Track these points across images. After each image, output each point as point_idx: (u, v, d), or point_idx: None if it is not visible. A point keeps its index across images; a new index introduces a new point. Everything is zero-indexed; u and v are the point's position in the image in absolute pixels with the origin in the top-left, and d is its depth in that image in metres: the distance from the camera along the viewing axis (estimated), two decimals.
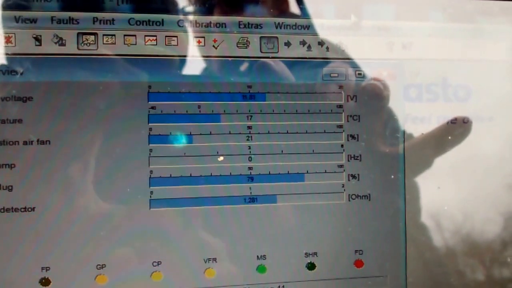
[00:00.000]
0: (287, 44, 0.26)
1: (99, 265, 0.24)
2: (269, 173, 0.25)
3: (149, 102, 0.24)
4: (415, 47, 0.27)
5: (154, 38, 0.24)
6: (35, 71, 0.23)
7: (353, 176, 0.26)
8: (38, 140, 0.23)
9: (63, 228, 0.23)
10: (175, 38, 0.25)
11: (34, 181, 0.23)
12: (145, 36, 0.24)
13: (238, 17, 0.25)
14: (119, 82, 0.24)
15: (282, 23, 0.26)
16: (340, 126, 0.26)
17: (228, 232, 0.25)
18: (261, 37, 0.25)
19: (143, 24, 0.24)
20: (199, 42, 0.25)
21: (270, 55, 0.26)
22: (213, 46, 0.25)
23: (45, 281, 0.23)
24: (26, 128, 0.23)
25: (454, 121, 0.27)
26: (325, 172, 0.26)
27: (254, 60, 0.25)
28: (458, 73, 0.27)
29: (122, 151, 0.24)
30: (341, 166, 0.26)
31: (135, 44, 0.24)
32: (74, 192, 0.24)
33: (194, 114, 0.25)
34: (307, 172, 0.26)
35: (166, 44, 0.25)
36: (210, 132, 0.25)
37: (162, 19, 0.25)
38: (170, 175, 0.25)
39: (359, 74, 0.26)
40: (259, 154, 0.25)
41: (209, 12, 0.25)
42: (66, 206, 0.23)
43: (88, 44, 0.24)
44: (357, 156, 0.26)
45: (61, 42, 0.24)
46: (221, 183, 0.25)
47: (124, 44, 0.24)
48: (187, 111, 0.25)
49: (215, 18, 0.25)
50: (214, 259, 0.25)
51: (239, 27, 0.25)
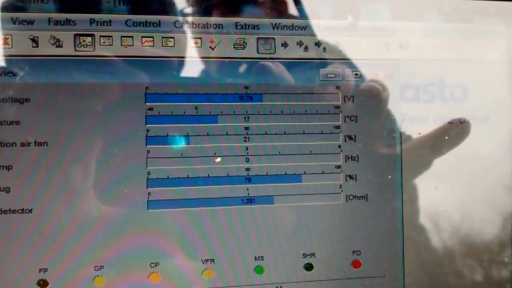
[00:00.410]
0: (284, 45, 0.26)
1: (97, 266, 0.24)
2: (267, 174, 0.25)
3: (146, 104, 0.24)
4: (411, 47, 0.27)
5: (151, 39, 0.24)
6: (32, 73, 0.23)
7: (351, 177, 0.26)
8: (35, 142, 0.23)
9: (60, 229, 0.23)
10: (172, 39, 0.25)
11: (31, 182, 0.23)
12: (142, 37, 0.24)
13: (235, 18, 0.25)
14: (116, 83, 0.24)
15: (279, 24, 0.26)
16: (338, 127, 0.26)
17: (225, 233, 0.25)
18: (258, 38, 0.25)
19: (140, 26, 0.24)
20: (196, 43, 0.25)
21: (267, 56, 0.26)
22: (210, 47, 0.25)
23: (42, 283, 0.23)
24: (24, 130, 0.23)
25: (451, 121, 0.27)
26: (323, 173, 0.26)
27: (251, 61, 0.25)
28: (455, 73, 0.27)
29: (120, 153, 0.24)
30: (338, 166, 0.26)
31: (132, 45, 0.24)
32: (72, 194, 0.24)
33: (191, 115, 0.25)
34: (304, 173, 0.26)
35: (163, 45, 0.25)
36: (207, 133, 0.25)
37: (159, 20, 0.25)
38: (168, 176, 0.25)
39: (356, 74, 0.26)
40: (257, 155, 0.25)
41: (206, 13, 0.25)
42: (63, 207, 0.23)
43: (85, 46, 0.24)
44: (354, 157, 0.26)
45: (58, 43, 0.24)
46: (218, 184, 0.25)
47: (121, 45, 0.24)
48: (184, 112, 0.25)
49: (212, 19, 0.25)
50: (212, 260, 0.25)
51: (236, 28, 0.25)
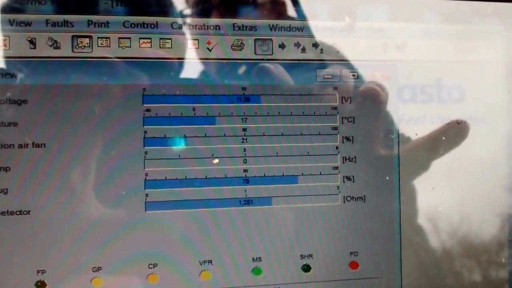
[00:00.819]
0: (282, 46, 0.26)
1: (95, 267, 0.24)
2: (264, 175, 0.25)
3: (144, 105, 0.24)
4: (409, 48, 0.27)
5: (149, 40, 0.24)
6: (30, 74, 0.23)
7: (348, 178, 0.26)
8: (33, 143, 0.23)
9: (58, 231, 0.23)
10: (169, 41, 0.25)
11: (29, 184, 0.23)
12: (140, 38, 0.24)
13: (232, 19, 0.25)
14: (114, 84, 0.24)
15: (277, 25, 0.26)
16: (335, 128, 0.26)
17: (223, 234, 0.25)
18: (255, 39, 0.25)
19: (137, 27, 0.24)
20: (193, 44, 0.25)
21: (265, 57, 0.26)
22: (208, 48, 0.25)
23: (40, 284, 0.23)
24: (21, 131, 0.23)
25: (448, 122, 0.27)
26: (320, 174, 0.26)
27: (249, 62, 0.25)
28: (452, 74, 0.27)
29: (117, 154, 0.24)
30: (336, 168, 0.26)
31: (130, 46, 0.24)
32: (70, 195, 0.24)
33: (189, 117, 0.25)
34: (302, 174, 0.26)
35: (160, 47, 0.25)
36: (205, 135, 0.25)
37: (157, 22, 0.25)
38: (165, 177, 0.25)
39: (354, 75, 0.26)
40: (254, 156, 0.25)
41: (203, 14, 0.25)
42: (61, 209, 0.23)
43: (83, 47, 0.24)
44: (352, 158, 0.26)
45: (55, 45, 0.24)
46: (216, 186, 0.25)
47: (119, 46, 0.24)
48: (182, 114, 0.25)
49: (209, 21, 0.25)
50: (210, 261, 0.25)
51: (234, 29, 0.25)
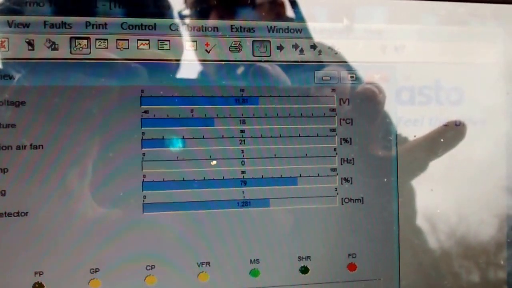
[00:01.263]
0: (280, 48, 0.26)
1: (93, 269, 0.24)
2: (262, 177, 0.25)
3: (142, 106, 0.24)
4: (407, 50, 0.27)
5: (147, 42, 0.24)
6: (28, 76, 0.23)
7: (346, 180, 0.26)
8: (31, 145, 0.23)
9: (56, 232, 0.23)
10: (167, 42, 0.25)
11: (27, 185, 0.23)
12: (138, 40, 0.24)
13: (230, 21, 0.25)
14: (112, 86, 0.24)
15: (275, 26, 0.26)
16: (333, 130, 0.26)
17: (221, 236, 0.25)
18: (253, 41, 0.25)
19: (135, 28, 0.24)
20: (191, 46, 0.25)
21: (263, 59, 0.26)
22: (206, 50, 0.25)
23: (38, 286, 0.23)
24: (19, 133, 0.23)
25: (446, 124, 0.27)
26: (318, 175, 0.26)
27: (247, 64, 0.25)
28: (451, 76, 0.27)
29: (115, 156, 0.24)
30: (334, 169, 0.26)
31: (128, 48, 0.24)
32: (67, 197, 0.24)
33: (187, 118, 0.25)
34: (300, 176, 0.26)
35: (158, 48, 0.25)
36: (203, 136, 0.25)
37: (155, 23, 0.25)
38: (163, 179, 0.25)
39: (352, 77, 0.26)
40: (252, 158, 0.25)
41: (201, 16, 0.25)
42: (59, 210, 0.23)
43: (80, 49, 0.24)
44: (350, 160, 0.26)
45: (54, 46, 0.24)
46: (214, 187, 0.25)
47: (117, 48, 0.24)
48: (180, 115, 0.25)
49: (207, 22, 0.25)
50: (208, 263, 0.25)
51: (232, 31, 0.25)
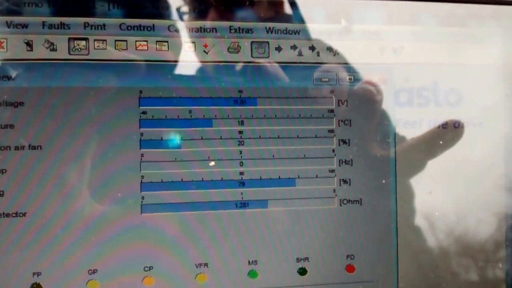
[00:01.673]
0: (278, 48, 0.26)
1: (91, 270, 0.24)
2: (260, 178, 0.25)
3: (140, 107, 0.24)
4: (405, 51, 0.27)
5: (145, 43, 0.24)
6: (26, 76, 0.23)
7: (345, 181, 0.26)
8: (29, 145, 0.23)
9: (54, 233, 0.23)
10: (166, 43, 0.25)
11: (25, 186, 0.23)
12: (136, 41, 0.24)
13: (228, 22, 0.25)
14: (110, 87, 0.24)
15: (273, 27, 0.26)
16: (332, 131, 0.26)
17: (219, 237, 0.25)
18: (252, 42, 0.25)
19: (134, 29, 0.24)
20: (190, 47, 0.25)
21: (261, 59, 0.26)
22: (204, 51, 0.25)
23: (36, 286, 0.23)
24: (18, 133, 0.23)
25: (445, 126, 0.27)
26: (317, 177, 0.26)
27: (246, 65, 0.25)
28: (449, 77, 0.27)
29: (114, 156, 0.24)
30: (332, 171, 0.26)
31: (126, 49, 0.24)
32: (66, 198, 0.24)
33: (185, 119, 0.25)
34: (298, 177, 0.26)
35: (157, 49, 0.25)
36: (201, 137, 0.25)
37: (153, 24, 0.25)
38: (162, 180, 0.25)
39: (350, 78, 0.26)
40: (251, 159, 0.25)
41: (199, 17, 0.25)
42: (57, 211, 0.23)
43: (79, 49, 0.24)
44: (349, 161, 0.26)
45: (52, 47, 0.24)
46: (212, 188, 0.25)
47: (115, 49, 0.24)
48: (178, 116, 0.25)
49: (206, 23, 0.25)
50: (206, 264, 0.25)
51: (230, 32, 0.25)
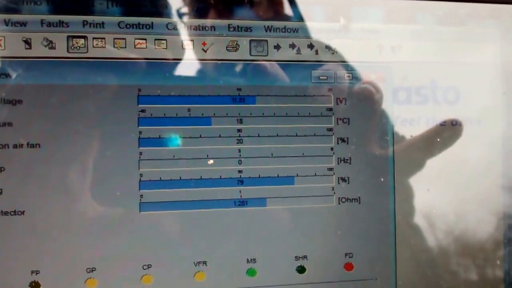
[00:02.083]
0: (277, 47, 0.26)
1: (89, 268, 0.24)
2: (259, 176, 0.25)
3: (139, 105, 0.24)
4: (404, 50, 0.27)
5: (144, 41, 0.24)
6: (25, 74, 0.23)
7: (343, 179, 0.26)
8: (28, 144, 0.23)
9: (53, 231, 0.23)
10: (164, 41, 0.25)
11: (24, 184, 0.23)
12: (135, 39, 0.24)
13: (227, 20, 0.25)
14: (109, 85, 0.24)
15: (272, 26, 0.26)
16: (330, 129, 0.26)
17: (218, 235, 0.25)
18: (250, 40, 0.25)
19: (132, 27, 0.24)
20: (188, 45, 0.25)
21: (260, 58, 0.26)
22: (203, 49, 0.25)
23: (35, 285, 0.23)
24: (16, 131, 0.23)
25: (443, 124, 0.27)
26: (315, 175, 0.26)
27: (244, 63, 0.25)
28: (447, 75, 0.27)
29: (112, 154, 0.24)
30: (331, 169, 0.26)
31: (125, 47, 0.24)
32: (64, 196, 0.24)
33: (184, 117, 0.25)
34: (297, 175, 0.26)
35: (155, 47, 0.25)
36: (200, 135, 0.25)
37: (152, 22, 0.25)
38: (160, 178, 0.25)
39: (349, 76, 0.26)
40: (249, 157, 0.25)
41: (198, 15, 0.25)
42: (56, 209, 0.23)
43: (78, 47, 0.24)
44: (347, 159, 0.26)
45: (51, 45, 0.24)
46: (211, 186, 0.25)
47: (114, 47, 0.24)
48: (177, 114, 0.25)
49: (204, 21, 0.25)
50: (204, 262, 0.25)
51: (229, 30, 0.25)
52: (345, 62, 0.26)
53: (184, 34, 0.25)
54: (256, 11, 0.26)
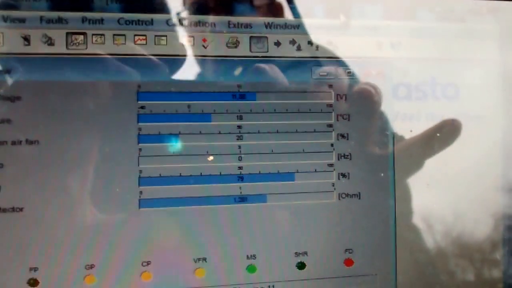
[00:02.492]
0: (277, 43, 0.26)
1: (88, 265, 0.24)
2: (259, 173, 0.25)
3: (139, 102, 0.24)
4: (403, 46, 0.27)
5: (144, 37, 0.24)
6: (23, 71, 0.23)
7: (343, 175, 0.26)
8: (26, 140, 0.23)
9: (51, 228, 0.23)
10: (164, 38, 0.25)
11: (22, 181, 0.23)
12: (135, 35, 0.24)
13: (227, 17, 0.25)
14: (108, 82, 0.24)
15: (272, 22, 0.26)
16: (330, 125, 0.26)
17: (218, 231, 0.25)
18: (250, 37, 0.25)
19: (132, 24, 0.24)
20: (188, 41, 0.25)
21: (260, 54, 0.26)
22: (203, 45, 0.25)
23: (33, 282, 0.23)
24: (15, 128, 0.23)
25: (443, 120, 0.27)
26: (315, 171, 0.26)
27: (245, 60, 0.25)
28: (447, 72, 0.27)
29: (112, 151, 0.24)
30: (331, 165, 0.26)
31: (125, 43, 0.24)
32: (63, 192, 0.23)
33: (184, 114, 0.25)
34: (297, 172, 0.26)
35: (155, 44, 0.24)
36: (200, 132, 0.25)
37: (152, 19, 0.25)
38: (160, 174, 0.24)
39: (349, 73, 0.26)
40: (249, 154, 0.25)
41: (198, 11, 0.25)
42: (54, 206, 0.23)
43: (77, 44, 0.24)
44: (347, 155, 0.26)
45: (50, 42, 0.24)
46: (211, 183, 0.25)
47: (114, 43, 0.24)
48: (176, 111, 0.25)
49: (204, 18, 0.25)
50: (204, 259, 0.25)
51: (229, 27, 0.25)
52: (345, 58, 0.26)
53: (184, 30, 0.25)
54: (256, 7, 0.26)
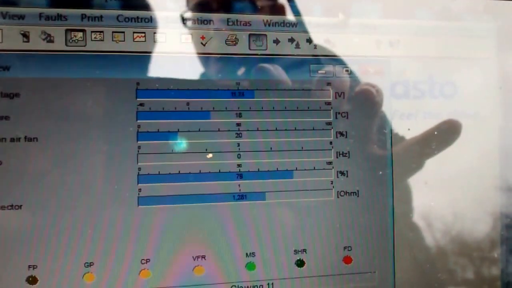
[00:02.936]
0: (276, 41, 0.26)
1: (87, 263, 0.24)
2: (258, 170, 0.25)
3: (138, 99, 0.24)
4: (402, 44, 0.27)
5: (143, 35, 0.24)
6: (22, 68, 0.23)
7: (342, 173, 0.26)
8: (25, 137, 0.23)
9: (50, 226, 0.23)
10: (163, 35, 0.25)
11: (21, 178, 0.23)
12: (134, 33, 0.24)
13: (226, 14, 0.25)
14: (107, 79, 0.24)
15: (271, 20, 0.26)
16: (329, 123, 0.26)
17: (217, 229, 0.25)
18: (249, 35, 0.26)
19: (131, 21, 0.24)
20: (187, 39, 0.25)
21: (259, 52, 0.26)
22: (201, 43, 0.25)
23: (32, 279, 0.23)
24: (13, 125, 0.23)
25: (440, 117, 0.27)
26: (314, 169, 0.26)
27: (243, 58, 0.25)
28: (445, 70, 0.28)
29: (110, 148, 0.24)
30: (329, 163, 0.26)
31: (124, 40, 0.24)
32: (61, 190, 0.23)
33: (183, 111, 0.25)
34: (296, 169, 0.26)
35: (154, 41, 0.25)
36: (199, 129, 0.25)
37: (151, 16, 0.25)
38: (159, 172, 0.24)
39: (347, 71, 0.27)
40: (248, 151, 0.25)
41: (197, 9, 0.25)
42: (53, 203, 0.23)
43: (76, 41, 0.24)
44: (346, 153, 0.26)
45: (49, 38, 0.24)
46: (210, 181, 0.25)
47: (113, 40, 0.24)
48: (175, 108, 0.25)
49: (203, 15, 0.25)
50: (203, 257, 0.25)
51: (228, 24, 0.25)
52: (343, 56, 0.26)
53: (183, 27, 0.25)
54: (255, 5, 0.26)
